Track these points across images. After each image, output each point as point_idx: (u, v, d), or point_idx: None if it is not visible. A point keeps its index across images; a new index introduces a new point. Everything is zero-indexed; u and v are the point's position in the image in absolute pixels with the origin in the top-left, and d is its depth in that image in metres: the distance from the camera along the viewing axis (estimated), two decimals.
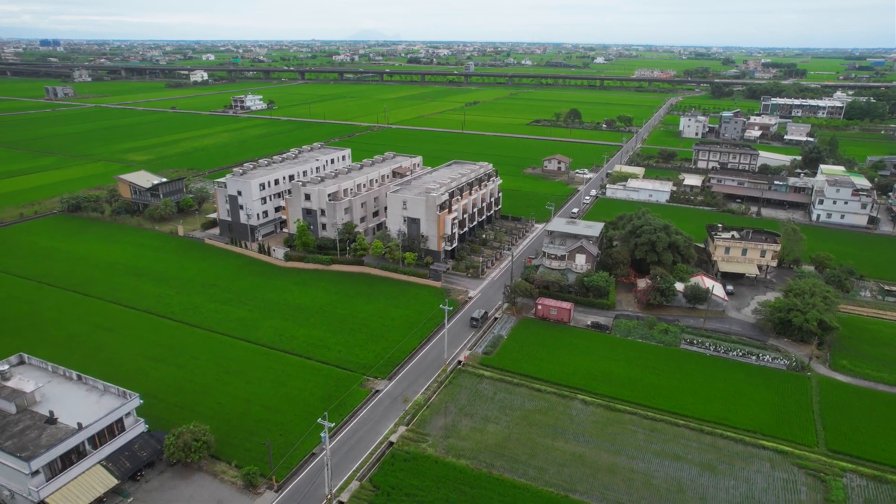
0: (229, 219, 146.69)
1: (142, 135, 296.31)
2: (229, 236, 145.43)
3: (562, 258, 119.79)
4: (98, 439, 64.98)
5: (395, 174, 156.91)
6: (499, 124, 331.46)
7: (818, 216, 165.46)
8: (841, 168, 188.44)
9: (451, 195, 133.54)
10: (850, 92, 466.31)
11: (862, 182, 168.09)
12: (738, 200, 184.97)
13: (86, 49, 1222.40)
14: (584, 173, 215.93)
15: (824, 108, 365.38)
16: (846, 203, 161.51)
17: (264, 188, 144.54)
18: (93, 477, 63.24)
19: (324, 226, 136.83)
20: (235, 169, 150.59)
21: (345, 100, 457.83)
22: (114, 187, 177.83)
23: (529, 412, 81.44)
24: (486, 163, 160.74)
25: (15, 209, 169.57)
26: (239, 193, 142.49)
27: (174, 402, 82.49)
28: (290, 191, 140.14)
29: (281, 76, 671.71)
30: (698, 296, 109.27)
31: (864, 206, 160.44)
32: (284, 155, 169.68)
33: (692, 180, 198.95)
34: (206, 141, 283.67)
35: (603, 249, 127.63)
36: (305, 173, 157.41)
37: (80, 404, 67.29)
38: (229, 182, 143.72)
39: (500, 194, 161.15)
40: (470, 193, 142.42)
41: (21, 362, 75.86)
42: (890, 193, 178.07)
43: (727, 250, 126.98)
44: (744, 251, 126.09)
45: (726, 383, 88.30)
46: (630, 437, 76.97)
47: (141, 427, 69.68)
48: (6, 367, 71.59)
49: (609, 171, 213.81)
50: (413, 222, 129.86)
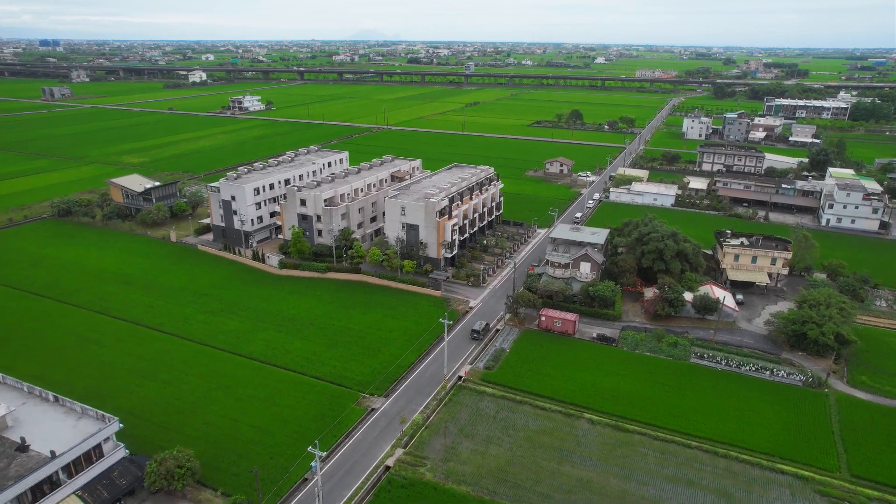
0: (223, 224, 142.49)
1: (138, 136, 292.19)
2: (223, 242, 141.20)
3: (566, 266, 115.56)
4: (74, 467, 60.86)
5: (394, 178, 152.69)
6: (499, 125, 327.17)
7: (827, 221, 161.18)
8: (850, 171, 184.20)
9: (452, 200, 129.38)
10: (854, 92, 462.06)
11: (872, 186, 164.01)
12: (745, 204, 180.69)
13: (85, 49, 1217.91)
14: (587, 176, 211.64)
15: (829, 109, 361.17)
16: (857, 207, 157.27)
17: (259, 193, 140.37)
18: None
19: (320, 232, 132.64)
20: (229, 173, 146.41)
21: (344, 100, 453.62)
22: (106, 191, 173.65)
23: (533, 433, 77.28)
24: (487, 166, 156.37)
25: (4, 214, 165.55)
26: (233, 198, 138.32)
27: (159, 422, 78.38)
28: (286, 196, 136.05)
29: (280, 76, 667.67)
30: (708, 306, 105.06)
31: (876, 211, 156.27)
32: (280, 158, 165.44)
33: (697, 183, 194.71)
34: (203, 143, 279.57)
35: (608, 257, 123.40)
36: (302, 177, 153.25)
37: (56, 429, 63.13)
38: (223, 186, 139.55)
39: (502, 199, 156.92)
40: (470, 198, 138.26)
41: None
42: None
43: (736, 258, 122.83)
44: (754, 259, 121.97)
45: (740, 401, 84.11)
46: (640, 461, 72.79)
47: (121, 452, 65.50)
48: None
49: (612, 174, 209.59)
50: (412, 229, 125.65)
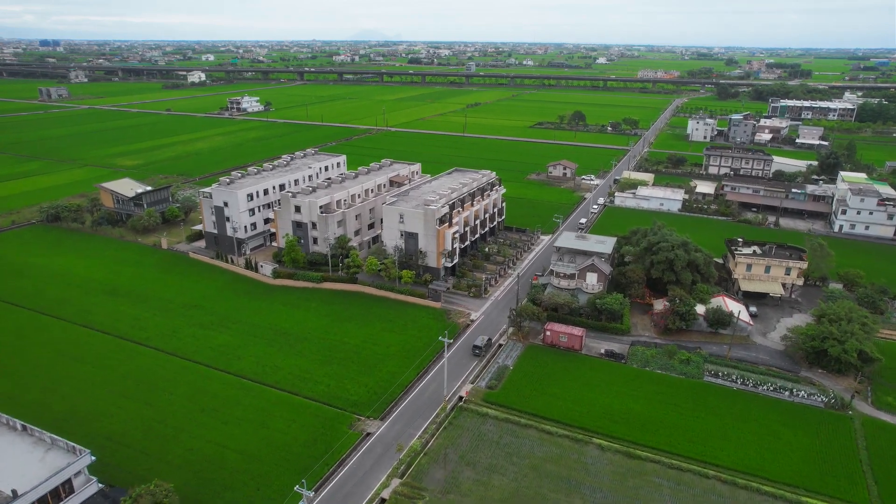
0: (215, 231, 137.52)
1: (133, 138, 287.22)
2: (215, 250, 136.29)
3: (571, 277, 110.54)
4: None
5: (393, 183, 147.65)
6: (501, 127, 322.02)
7: (840, 227, 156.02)
8: (862, 175, 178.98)
9: (452, 207, 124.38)
10: (859, 93, 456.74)
11: (887, 191, 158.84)
12: (754, 209, 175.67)
13: (86, 49, 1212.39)
14: (591, 179, 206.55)
15: (835, 111, 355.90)
16: (871, 213, 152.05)
17: (252, 199, 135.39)
18: None
19: (315, 240, 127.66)
20: (222, 178, 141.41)
21: (344, 101, 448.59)
22: (96, 196, 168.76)
23: (539, 460, 72.25)
24: (489, 171, 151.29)
25: None
26: (225, 204, 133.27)
27: (140, 448, 73.43)
28: (280, 202, 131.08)
29: (280, 77, 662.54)
30: (722, 320, 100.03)
31: (891, 217, 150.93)
32: (275, 162, 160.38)
33: (704, 187, 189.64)
34: (200, 145, 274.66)
35: (615, 267, 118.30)
36: (297, 182, 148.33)
37: (21, 463, 58.19)
38: (215, 192, 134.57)
39: (504, 204, 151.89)
40: (472, 205, 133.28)
41: None
42: None
43: (749, 267, 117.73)
44: (767, 268, 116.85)
45: (758, 424, 79.06)
46: (654, 492, 67.74)
47: (93, 487, 60.58)
48: None
49: (617, 178, 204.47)
50: (410, 237, 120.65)
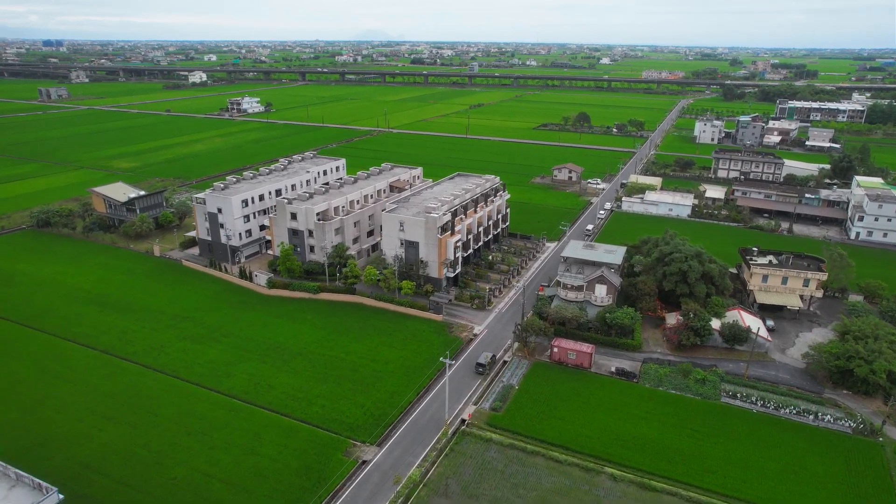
0: (209, 238, 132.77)
1: (131, 140, 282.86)
2: (209, 258, 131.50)
3: (579, 289, 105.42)
4: None
5: (393, 188, 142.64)
6: (504, 128, 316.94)
7: (857, 234, 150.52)
8: (879, 180, 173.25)
9: (455, 214, 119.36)
10: (868, 94, 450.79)
11: None
12: (766, 215, 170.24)
13: (89, 49, 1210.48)
14: (597, 184, 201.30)
15: (844, 112, 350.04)
16: (889, 220, 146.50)
17: (247, 205, 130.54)
18: None
19: (312, 248, 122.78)
20: (216, 183, 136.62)
21: (345, 102, 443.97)
22: (89, 200, 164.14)
23: (548, 493, 67.17)
24: (493, 176, 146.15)
25: None
26: (219, 211, 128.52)
27: (119, 478, 68.56)
28: (275, 208, 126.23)
29: (282, 77, 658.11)
30: (738, 336, 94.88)
31: None
32: (272, 167, 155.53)
33: (714, 192, 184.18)
34: (198, 147, 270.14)
35: (625, 277, 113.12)
36: (294, 187, 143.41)
37: None
38: (208, 198, 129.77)
39: (508, 210, 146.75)
40: (475, 211, 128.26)
41: None
42: None
43: (765, 278, 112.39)
44: (784, 280, 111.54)
45: (782, 452, 73.88)
46: None
47: None
48: None
49: (624, 182, 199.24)
50: (411, 246, 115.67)
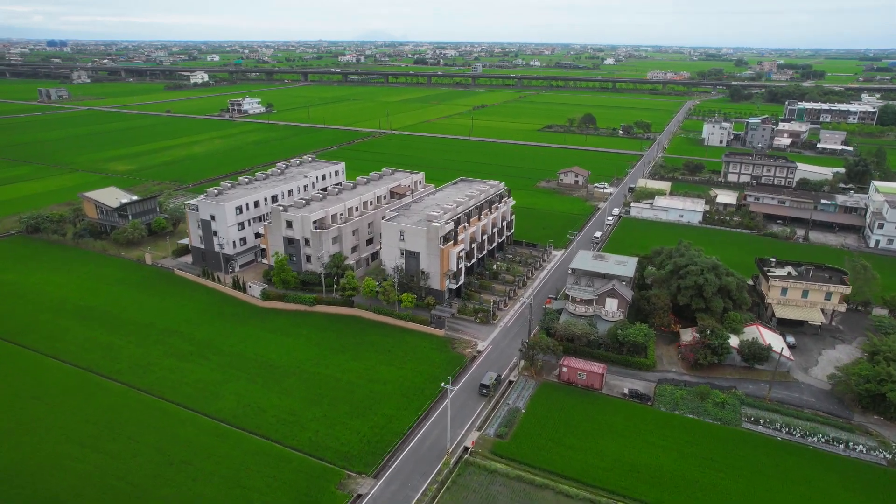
0: (202, 246, 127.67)
1: (129, 141, 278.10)
2: (202, 266, 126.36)
3: (589, 303, 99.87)
4: None
5: (394, 195, 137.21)
6: (508, 130, 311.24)
7: (877, 242, 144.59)
8: None
9: (458, 222, 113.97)
10: (878, 95, 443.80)
11: None
12: (780, 222, 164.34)
13: (92, 50, 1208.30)
14: (605, 188, 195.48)
15: (855, 113, 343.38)
16: None
17: (241, 212, 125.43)
18: None
19: (308, 258, 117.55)
20: (209, 189, 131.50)
21: (347, 103, 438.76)
22: (80, 205, 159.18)
23: None
24: (498, 181, 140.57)
25: None
26: (212, 218, 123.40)
27: None
28: (270, 216, 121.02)
29: (284, 77, 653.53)
30: (758, 355, 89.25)
31: None
32: (269, 171, 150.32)
33: (726, 197, 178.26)
34: (197, 148, 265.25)
35: (636, 290, 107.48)
36: (291, 193, 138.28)
37: None
38: (201, 204, 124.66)
39: (513, 217, 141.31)
40: (479, 219, 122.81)
41: None
42: None
43: (784, 291, 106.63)
44: (805, 293, 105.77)
45: (811, 487, 68.22)
46: None
47: None
48: None
49: (631, 186, 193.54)
50: (412, 256, 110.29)
